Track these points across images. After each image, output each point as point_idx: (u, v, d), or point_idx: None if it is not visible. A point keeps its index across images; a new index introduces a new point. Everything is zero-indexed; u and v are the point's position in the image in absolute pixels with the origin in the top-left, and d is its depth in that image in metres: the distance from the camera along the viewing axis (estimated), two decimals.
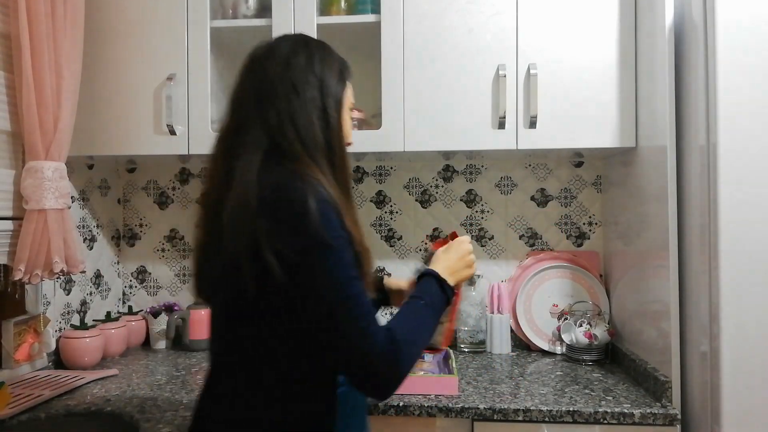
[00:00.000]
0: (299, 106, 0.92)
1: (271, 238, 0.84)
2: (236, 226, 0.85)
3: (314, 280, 0.84)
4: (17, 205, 1.50)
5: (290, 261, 0.84)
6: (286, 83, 0.93)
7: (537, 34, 1.58)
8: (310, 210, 0.83)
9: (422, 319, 0.94)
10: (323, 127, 0.94)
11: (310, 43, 1.00)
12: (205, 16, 1.66)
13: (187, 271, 2.06)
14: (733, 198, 1.20)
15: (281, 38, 1.02)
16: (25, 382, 1.50)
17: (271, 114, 0.92)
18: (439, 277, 1.00)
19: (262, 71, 0.96)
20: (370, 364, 0.84)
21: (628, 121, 1.56)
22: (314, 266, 0.84)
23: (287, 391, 0.91)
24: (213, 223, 0.94)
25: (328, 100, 0.96)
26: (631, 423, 1.31)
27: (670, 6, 1.38)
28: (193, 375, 1.62)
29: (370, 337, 0.84)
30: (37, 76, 1.45)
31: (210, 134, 1.66)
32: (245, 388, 0.91)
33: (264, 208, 0.85)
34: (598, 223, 1.93)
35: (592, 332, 1.69)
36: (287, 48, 0.97)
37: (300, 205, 0.84)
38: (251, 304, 0.89)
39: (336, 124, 0.96)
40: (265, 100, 0.93)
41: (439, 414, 1.35)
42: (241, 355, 0.93)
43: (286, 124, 0.91)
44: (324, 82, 0.96)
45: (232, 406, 0.92)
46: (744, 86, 1.21)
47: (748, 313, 1.20)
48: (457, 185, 1.98)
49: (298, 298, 0.86)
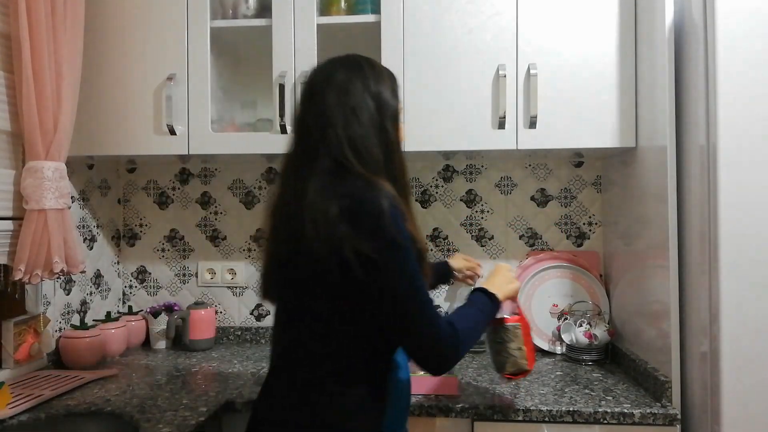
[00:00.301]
0: (359, 128, 1.03)
1: (352, 240, 0.96)
2: (319, 233, 0.97)
3: (389, 274, 0.97)
4: (17, 205, 1.50)
5: (368, 259, 0.96)
6: (345, 109, 1.03)
7: (537, 34, 1.58)
8: (384, 214, 0.96)
9: (475, 318, 1.12)
10: (382, 145, 1.05)
11: (364, 66, 1.09)
12: (205, 16, 1.66)
13: (186, 270, 2.06)
14: (733, 198, 1.20)
15: (336, 64, 1.09)
16: (25, 382, 1.50)
17: (334, 138, 1.02)
18: (487, 291, 1.19)
19: (322, 99, 1.05)
20: (436, 344, 0.99)
21: (628, 121, 1.56)
22: (388, 263, 0.97)
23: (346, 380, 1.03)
24: (287, 234, 1.05)
25: (386, 117, 1.07)
26: (631, 423, 1.31)
27: (670, 6, 1.38)
28: (193, 375, 1.62)
29: (436, 323, 0.99)
30: (37, 76, 1.45)
31: (210, 134, 1.66)
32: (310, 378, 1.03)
33: (343, 214, 0.96)
34: (598, 223, 1.93)
35: (592, 332, 1.69)
36: (343, 75, 1.06)
37: (376, 210, 0.96)
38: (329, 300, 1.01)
39: (394, 139, 1.08)
40: (328, 126, 1.03)
41: (439, 414, 1.35)
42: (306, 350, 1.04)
43: (346, 146, 1.02)
44: (380, 102, 1.06)
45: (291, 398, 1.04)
46: (744, 86, 1.21)
47: (748, 313, 1.20)
48: (457, 185, 1.98)
49: (374, 291, 0.98)
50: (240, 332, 2.01)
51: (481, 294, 1.18)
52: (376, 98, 1.05)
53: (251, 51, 1.85)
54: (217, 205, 2.06)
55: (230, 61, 1.88)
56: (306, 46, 1.63)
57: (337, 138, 1.02)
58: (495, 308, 1.18)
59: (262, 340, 2.00)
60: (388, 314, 0.99)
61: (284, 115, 1.62)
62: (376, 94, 1.06)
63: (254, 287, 2.03)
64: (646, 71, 1.50)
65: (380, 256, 0.96)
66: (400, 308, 0.99)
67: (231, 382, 1.55)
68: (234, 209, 2.05)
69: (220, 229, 2.05)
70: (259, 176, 2.04)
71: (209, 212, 2.06)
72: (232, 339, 2.02)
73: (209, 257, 2.05)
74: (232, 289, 2.05)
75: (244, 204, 2.05)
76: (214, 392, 1.46)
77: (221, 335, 2.01)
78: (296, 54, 1.64)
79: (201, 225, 2.06)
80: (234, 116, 1.90)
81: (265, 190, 2.04)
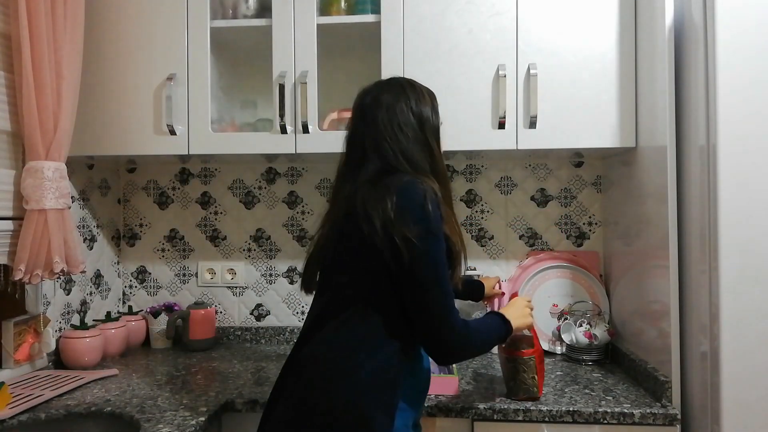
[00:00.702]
0: (406, 141, 1.15)
1: (401, 225, 1.05)
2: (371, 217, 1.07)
3: (421, 258, 1.05)
4: (17, 205, 1.50)
5: (412, 244, 1.05)
6: (394, 126, 1.16)
7: (537, 34, 1.58)
8: (429, 205, 1.06)
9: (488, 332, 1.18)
10: (427, 156, 1.17)
11: (406, 88, 1.21)
12: (205, 16, 1.66)
13: (186, 270, 2.06)
14: (733, 198, 1.20)
15: (382, 87, 1.22)
16: (25, 382, 1.50)
17: (386, 149, 1.15)
18: (503, 316, 1.24)
19: (373, 118, 1.18)
20: (448, 332, 1.07)
21: (628, 121, 1.56)
22: (427, 250, 1.06)
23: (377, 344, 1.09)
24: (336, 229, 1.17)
25: (429, 133, 1.19)
26: (631, 423, 1.31)
27: (670, 6, 1.38)
28: (193, 375, 1.62)
29: (452, 314, 1.07)
30: (37, 76, 1.45)
31: (210, 134, 1.66)
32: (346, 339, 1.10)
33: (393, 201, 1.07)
34: (598, 223, 1.93)
35: (592, 332, 1.69)
36: (389, 97, 1.19)
37: (419, 197, 1.07)
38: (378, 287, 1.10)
39: (437, 152, 1.20)
40: (380, 139, 1.16)
41: (439, 414, 1.35)
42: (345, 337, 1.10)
43: (398, 156, 1.14)
44: (422, 119, 1.18)
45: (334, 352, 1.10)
46: (744, 86, 1.21)
47: (748, 313, 1.20)
48: (457, 185, 1.98)
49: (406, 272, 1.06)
50: (240, 332, 2.01)
51: (497, 317, 1.23)
52: (418, 116, 1.18)
53: (251, 51, 1.85)
54: (217, 205, 2.06)
55: (230, 61, 1.88)
56: (306, 46, 1.63)
57: (390, 149, 1.15)
58: (506, 333, 1.22)
59: (262, 340, 2.00)
60: (411, 296, 1.07)
61: (284, 115, 1.62)
62: (418, 113, 1.18)
63: (254, 287, 2.03)
64: (646, 71, 1.50)
65: (421, 242, 1.05)
66: (422, 292, 1.06)
67: (231, 382, 1.55)
68: (234, 209, 2.05)
69: (220, 229, 2.05)
70: (259, 176, 2.04)
71: (209, 212, 2.06)
72: (232, 339, 2.02)
73: (209, 257, 2.05)
74: (232, 289, 2.05)
75: (244, 204, 2.05)
76: (214, 392, 1.46)
77: (221, 335, 2.01)
78: (296, 54, 1.64)
79: (201, 225, 2.06)
80: (234, 116, 1.90)
81: (265, 190, 2.04)
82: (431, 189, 1.10)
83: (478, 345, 1.15)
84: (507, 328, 1.21)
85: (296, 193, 2.03)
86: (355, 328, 1.09)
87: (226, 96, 1.85)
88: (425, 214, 1.06)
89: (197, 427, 1.24)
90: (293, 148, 1.64)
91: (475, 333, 1.13)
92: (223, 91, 1.83)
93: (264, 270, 2.03)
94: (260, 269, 2.04)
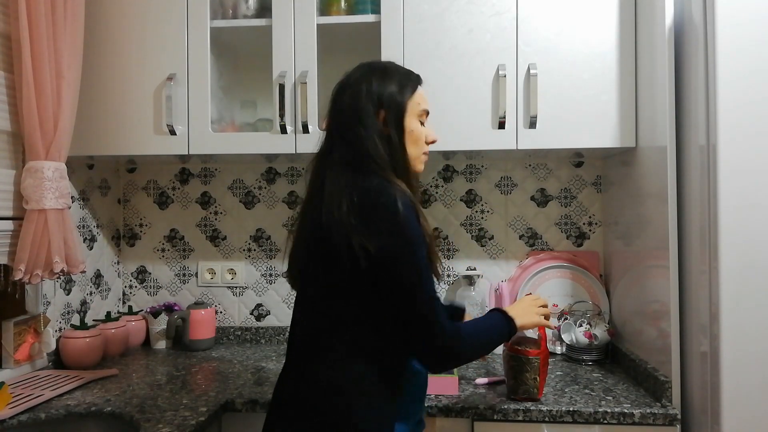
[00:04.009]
0: (364, 130, 1.08)
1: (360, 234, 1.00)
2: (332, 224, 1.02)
3: (398, 268, 1.00)
4: (17, 205, 1.50)
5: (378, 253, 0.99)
6: (354, 113, 1.09)
7: (537, 34, 1.58)
8: (399, 210, 1.00)
9: (486, 333, 1.13)
10: (385, 146, 1.09)
11: (374, 69, 1.14)
12: (205, 16, 1.66)
13: (186, 270, 2.06)
14: (733, 198, 1.20)
15: (356, 68, 1.15)
16: (25, 382, 1.50)
17: (350, 139, 1.09)
18: (506, 314, 1.17)
19: (340, 103, 1.12)
20: (436, 339, 1.01)
21: (628, 121, 1.56)
22: (398, 257, 1.00)
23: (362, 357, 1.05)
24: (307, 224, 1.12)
25: (389, 118, 1.10)
26: (631, 423, 1.31)
27: (670, 6, 1.38)
28: (193, 375, 1.62)
29: (440, 319, 1.02)
30: (37, 76, 1.45)
31: (210, 134, 1.66)
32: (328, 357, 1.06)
33: (355, 208, 1.01)
34: (598, 223, 1.93)
35: (592, 332, 1.69)
36: (354, 78, 1.13)
37: (391, 206, 1.00)
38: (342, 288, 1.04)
39: (397, 140, 1.10)
40: (343, 128, 1.11)
41: (439, 414, 1.35)
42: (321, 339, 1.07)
43: (359, 147, 1.08)
44: (383, 101, 1.10)
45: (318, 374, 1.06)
46: (744, 86, 1.21)
47: (748, 313, 1.20)
48: (457, 185, 1.98)
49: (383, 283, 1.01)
50: (240, 332, 2.01)
51: (498, 314, 1.17)
52: (377, 100, 1.10)
53: (251, 51, 1.85)
54: (217, 205, 2.06)
55: (230, 61, 1.88)
56: (306, 46, 1.63)
57: (352, 139, 1.08)
58: (509, 332, 1.16)
59: (262, 340, 2.00)
60: (396, 305, 1.02)
61: (284, 115, 1.62)
62: (378, 96, 1.10)
63: (254, 287, 2.03)
64: (646, 71, 1.50)
65: (391, 251, 1.00)
66: (407, 300, 1.01)
67: (231, 382, 1.55)
68: (234, 209, 2.05)
69: (220, 229, 2.05)
70: (259, 176, 2.04)
71: (209, 212, 2.06)
72: (232, 339, 2.02)
73: (209, 257, 2.05)
74: (232, 289, 2.05)
75: (244, 204, 2.05)
76: (214, 392, 1.46)
77: (221, 335, 2.01)
78: (296, 54, 1.64)
79: (201, 225, 2.06)
80: (234, 116, 1.90)
81: (265, 190, 2.04)
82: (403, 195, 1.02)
83: (476, 348, 1.10)
84: (510, 327, 1.16)
85: (296, 193, 2.03)
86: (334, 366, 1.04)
87: (226, 96, 1.85)
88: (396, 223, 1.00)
89: (197, 427, 1.24)
90: (293, 148, 1.64)
91: (470, 336, 1.08)
92: (223, 91, 1.83)
93: (264, 270, 2.03)
94: (260, 269, 2.04)
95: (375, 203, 1.01)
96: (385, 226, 1.00)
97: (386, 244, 1.00)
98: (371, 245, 0.99)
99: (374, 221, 1.00)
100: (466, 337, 1.06)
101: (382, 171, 1.06)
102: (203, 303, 1.96)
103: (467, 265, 1.96)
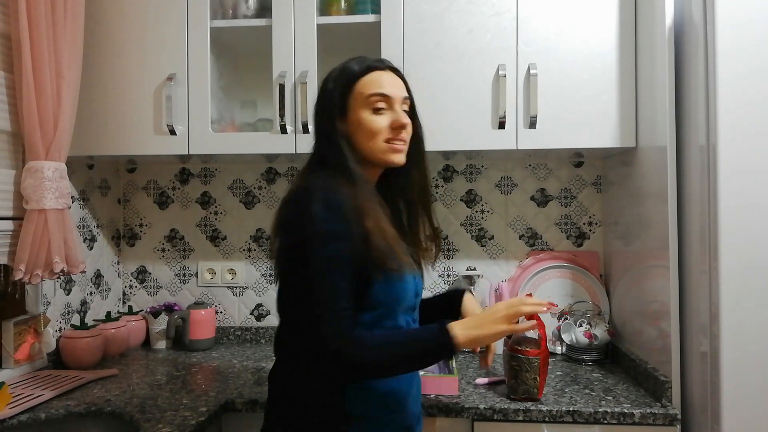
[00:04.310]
0: (318, 132, 1.13)
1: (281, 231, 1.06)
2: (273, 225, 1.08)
3: (300, 263, 1.01)
4: (17, 205, 1.50)
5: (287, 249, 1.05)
6: (314, 115, 1.14)
7: (537, 34, 1.58)
8: (309, 207, 0.99)
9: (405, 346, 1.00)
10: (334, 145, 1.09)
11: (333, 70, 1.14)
12: (205, 16, 1.66)
13: (186, 270, 2.06)
14: (733, 198, 1.20)
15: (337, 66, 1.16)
16: (25, 382, 1.50)
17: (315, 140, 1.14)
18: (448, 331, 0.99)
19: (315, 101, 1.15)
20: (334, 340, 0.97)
21: (628, 121, 1.56)
22: (302, 252, 1.00)
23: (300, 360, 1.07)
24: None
25: (323, 114, 1.11)
26: (631, 423, 1.31)
27: (670, 6, 1.38)
28: (193, 375, 1.62)
29: (341, 320, 0.98)
30: (37, 76, 1.45)
31: (210, 134, 1.66)
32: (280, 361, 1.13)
33: (282, 205, 1.07)
34: (598, 223, 1.93)
35: (592, 332, 1.69)
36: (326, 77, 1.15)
37: (302, 202, 1.01)
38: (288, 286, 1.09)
39: (336, 138, 1.09)
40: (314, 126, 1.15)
41: (439, 414, 1.35)
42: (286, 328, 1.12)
43: (315, 148, 1.13)
44: (331, 100, 1.10)
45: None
46: (744, 86, 1.21)
47: (748, 313, 1.20)
48: (457, 185, 1.98)
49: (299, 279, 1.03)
50: (240, 332, 2.01)
51: (437, 331, 1.00)
52: (328, 97, 1.11)
53: (251, 51, 1.85)
54: (217, 205, 2.06)
55: (230, 61, 1.88)
56: (306, 46, 1.63)
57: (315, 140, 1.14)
58: (442, 346, 0.98)
59: (262, 340, 2.00)
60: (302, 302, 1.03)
61: (284, 115, 1.62)
62: (330, 93, 1.11)
63: (254, 287, 2.03)
64: (647, 71, 1.50)
65: (294, 245, 1.02)
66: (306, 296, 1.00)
67: (231, 382, 1.55)
68: (234, 209, 2.05)
69: (220, 229, 2.05)
70: (259, 176, 2.04)
71: (209, 212, 2.06)
72: (232, 339, 2.02)
73: (209, 257, 2.05)
74: (232, 289, 2.05)
75: (244, 204, 2.05)
76: (214, 392, 1.46)
77: (221, 335, 2.01)
78: (296, 54, 1.64)
79: (201, 225, 2.06)
80: (234, 116, 1.90)
81: (265, 190, 2.04)
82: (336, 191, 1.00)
83: (386, 358, 0.98)
84: (443, 340, 0.98)
85: None
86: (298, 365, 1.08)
87: (226, 96, 1.85)
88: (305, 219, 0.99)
89: (197, 427, 1.24)
90: (293, 148, 1.65)
91: (376, 346, 0.97)
92: (223, 91, 1.83)
93: (264, 270, 2.03)
94: (260, 269, 2.04)
95: (289, 201, 1.05)
96: (294, 221, 1.02)
97: (292, 239, 1.03)
98: (283, 242, 1.05)
99: (286, 218, 1.05)
100: (369, 346, 0.97)
101: (332, 169, 1.06)
102: (203, 303, 1.96)
103: (467, 265, 1.96)
